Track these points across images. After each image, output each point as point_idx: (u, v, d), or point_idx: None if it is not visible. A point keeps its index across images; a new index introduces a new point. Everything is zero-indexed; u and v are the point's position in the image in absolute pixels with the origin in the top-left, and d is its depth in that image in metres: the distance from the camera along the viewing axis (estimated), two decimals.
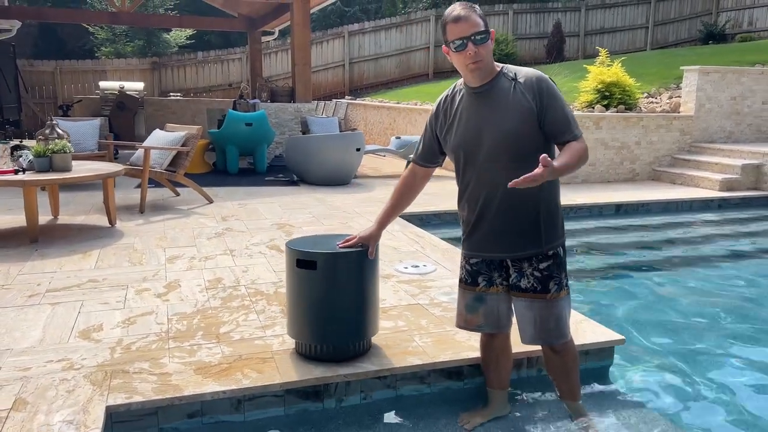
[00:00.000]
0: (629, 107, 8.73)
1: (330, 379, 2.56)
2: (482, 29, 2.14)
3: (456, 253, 4.51)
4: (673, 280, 4.63)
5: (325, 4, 11.47)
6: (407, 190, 2.53)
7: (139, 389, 2.41)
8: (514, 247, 2.32)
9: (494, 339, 2.56)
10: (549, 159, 1.96)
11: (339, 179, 7.81)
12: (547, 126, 2.19)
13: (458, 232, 5.58)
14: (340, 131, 10.55)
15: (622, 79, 8.77)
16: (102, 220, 5.50)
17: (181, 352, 2.78)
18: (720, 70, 8.85)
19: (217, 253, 4.51)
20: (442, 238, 5.08)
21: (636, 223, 6.50)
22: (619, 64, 8.92)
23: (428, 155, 2.47)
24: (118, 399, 2.34)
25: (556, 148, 2.25)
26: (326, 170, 7.72)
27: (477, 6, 2.20)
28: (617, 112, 8.52)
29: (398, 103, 12.85)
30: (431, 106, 11.12)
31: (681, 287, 4.44)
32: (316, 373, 2.56)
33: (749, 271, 4.87)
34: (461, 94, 2.32)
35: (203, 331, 3.02)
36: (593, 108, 8.63)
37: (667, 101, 9.35)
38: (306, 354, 2.68)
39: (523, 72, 2.24)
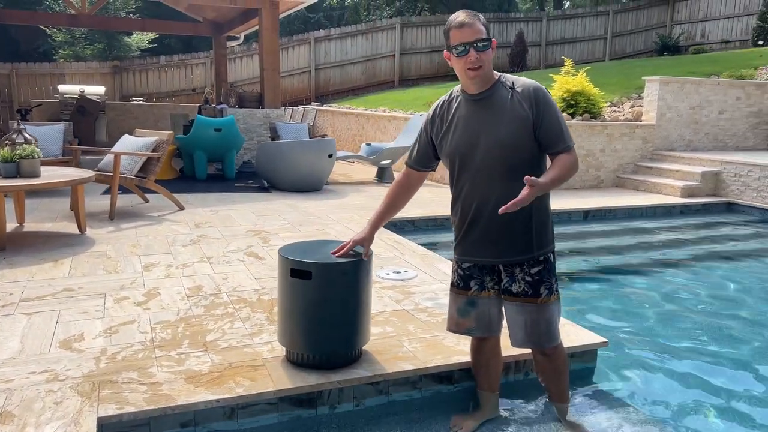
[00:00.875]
0: (594, 116, 8.97)
1: (323, 386, 2.55)
2: (484, 36, 2.20)
3: (435, 259, 4.56)
4: (643, 282, 4.77)
5: (293, 11, 11.43)
6: (402, 192, 2.56)
7: (130, 399, 2.36)
8: (506, 253, 2.36)
9: (485, 342, 2.60)
10: (534, 179, 2.05)
11: (311, 186, 7.79)
12: (541, 135, 2.25)
13: (433, 238, 5.61)
14: (310, 137, 10.52)
15: (587, 88, 9.00)
16: (70, 227, 5.35)
17: (169, 360, 2.73)
18: (679, 81, 9.18)
19: (194, 260, 4.44)
20: (418, 244, 5.12)
21: (604, 228, 6.67)
22: (584, 74, 9.16)
23: (423, 159, 2.50)
24: (109, 410, 2.29)
25: (547, 158, 2.32)
26: (298, 176, 7.69)
27: (480, 14, 2.25)
28: (582, 120, 8.74)
29: (366, 109, 12.88)
30: (401, 114, 11.15)
31: (652, 290, 4.58)
32: (309, 380, 2.56)
33: (716, 273, 5.06)
34: (458, 100, 2.36)
35: (189, 340, 2.98)
36: None
37: (630, 110, 9.64)
38: (298, 362, 2.67)
39: (521, 82, 2.29)
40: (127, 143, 6.34)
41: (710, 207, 7.76)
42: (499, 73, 2.33)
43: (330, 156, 7.74)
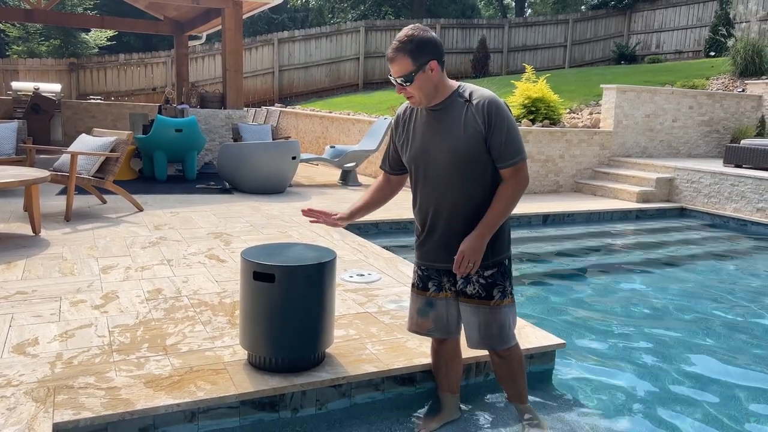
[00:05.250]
0: (553, 122, 9.15)
1: (286, 390, 2.55)
2: (408, 71, 2.21)
3: (399, 262, 4.59)
4: (602, 285, 4.90)
5: (257, 11, 11.34)
6: (382, 190, 2.60)
7: (86, 405, 2.32)
8: None
9: (444, 344, 2.64)
10: (461, 248, 2.27)
11: (274, 188, 7.74)
12: (491, 149, 2.29)
13: (397, 241, 5.64)
14: (273, 139, 10.45)
15: (547, 95, 9.18)
16: (24, 229, 5.20)
17: (128, 365, 2.68)
18: (636, 89, 9.45)
19: (153, 263, 4.37)
20: (382, 247, 5.15)
21: (563, 232, 6.82)
22: (544, 81, 9.35)
23: (394, 164, 2.55)
24: (65, 416, 2.24)
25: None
26: (261, 178, 7.63)
27: (415, 37, 2.20)
28: (542, 126, 8.91)
29: (330, 112, 12.87)
30: (365, 117, 11.14)
31: (610, 293, 4.70)
32: (272, 383, 2.55)
33: (669, 276, 5.23)
34: (419, 108, 2.40)
35: (149, 344, 2.93)
36: (520, 122, 8.99)
37: (588, 117, 9.88)
38: (261, 366, 2.65)
39: (478, 94, 2.33)
40: (84, 143, 6.20)
41: (664, 212, 8.01)
42: (458, 83, 2.37)
43: (293, 158, 7.71)
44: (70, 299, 3.54)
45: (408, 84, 2.24)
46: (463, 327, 2.51)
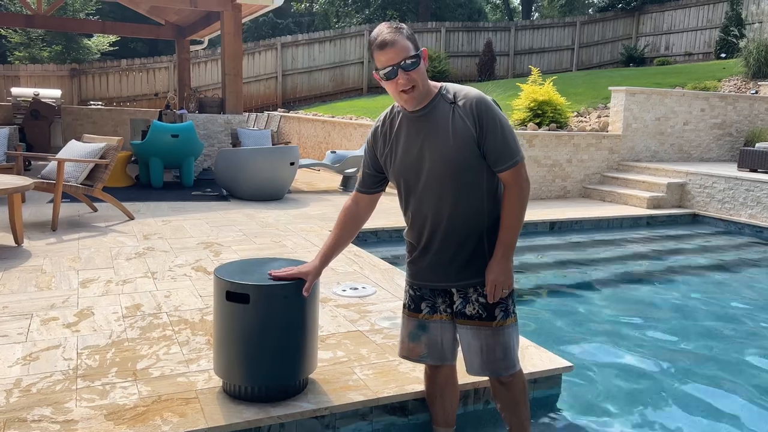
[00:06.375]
0: (560, 126, 8.89)
1: (262, 422, 2.30)
2: (412, 53, 1.98)
3: (395, 273, 4.34)
4: (612, 299, 4.62)
5: (257, 14, 11.15)
6: (351, 220, 2.30)
7: None
8: (459, 277, 2.18)
9: (439, 371, 2.39)
10: (491, 278, 2.10)
11: (271, 194, 7.52)
12: (486, 152, 2.06)
13: (397, 251, 5.36)
14: (273, 144, 10.24)
15: (554, 98, 8.92)
16: (6, 239, 4.99)
17: (91, 393, 2.45)
18: (645, 92, 9.16)
19: (137, 275, 4.14)
20: (381, 257, 4.90)
21: (570, 240, 6.55)
22: (551, 83, 9.09)
23: (369, 181, 2.28)
24: None
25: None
26: (258, 185, 7.41)
27: (404, 26, 2.02)
28: (549, 130, 8.65)
29: (333, 117, 12.66)
30: (367, 121, 10.92)
31: (621, 307, 4.43)
32: (246, 415, 2.30)
33: (684, 288, 4.94)
34: (399, 117, 2.15)
35: (118, 368, 2.70)
36: (526, 126, 8.73)
37: (596, 120, 9.60)
38: (235, 394, 2.41)
39: (463, 93, 2.08)
40: (73, 149, 5.99)
41: (676, 218, 7.71)
42: (439, 84, 2.13)
43: (292, 164, 7.49)
44: (41, 316, 3.31)
45: (414, 68, 1.98)
46: (461, 352, 2.26)
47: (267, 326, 2.30)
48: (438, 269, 2.19)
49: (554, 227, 6.93)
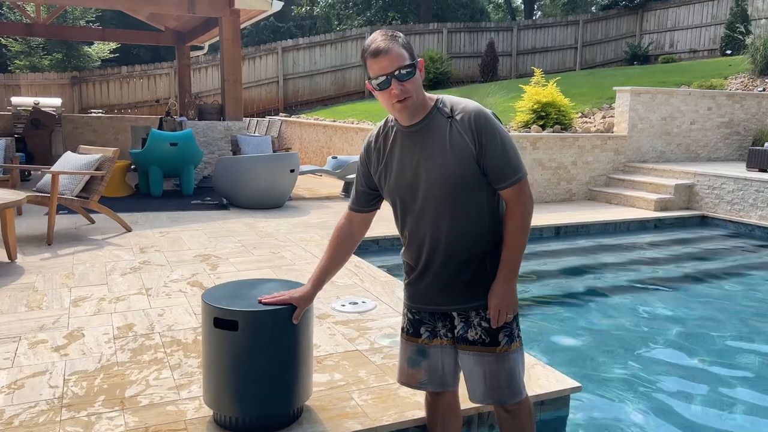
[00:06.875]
0: (565, 127, 8.75)
1: None
2: (407, 62, 1.86)
3: (396, 286, 4.22)
4: (622, 309, 4.48)
5: (256, 20, 11.05)
6: (344, 241, 2.18)
7: None
8: (460, 300, 2.06)
9: (440, 397, 2.26)
10: (494, 303, 1.98)
11: (271, 202, 7.41)
12: (487, 169, 1.94)
13: (397, 260, 5.26)
14: (274, 150, 10.14)
15: (558, 99, 8.78)
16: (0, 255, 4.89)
17: (75, 425, 2.33)
18: (651, 91, 9.01)
19: (130, 292, 4.03)
20: (382, 266, 4.78)
21: (577, 246, 6.41)
22: (554, 84, 8.95)
23: (363, 199, 2.15)
24: None
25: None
26: (258, 193, 7.30)
27: (400, 34, 1.91)
28: (553, 132, 8.51)
29: (334, 121, 12.55)
30: (369, 126, 10.79)
31: (632, 318, 4.29)
32: None
33: (701, 294, 4.80)
34: (394, 131, 2.03)
35: (105, 395, 2.58)
36: (530, 128, 8.60)
37: (601, 121, 9.45)
38: (226, 425, 2.29)
39: (460, 107, 1.96)
40: (69, 161, 5.89)
41: (684, 220, 7.56)
42: (436, 96, 2.01)
43: (292, 171, 7.37)
44: (30, 339, 3.20)
45: (409, 78, 1.87)
46: (463, 379, 2.14)
47: (257, 354, 2.18)
48: (437, 292, 2.07)
49: (560, 232, 6.79)
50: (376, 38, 1.89)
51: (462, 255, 2.02)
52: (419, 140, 1.97)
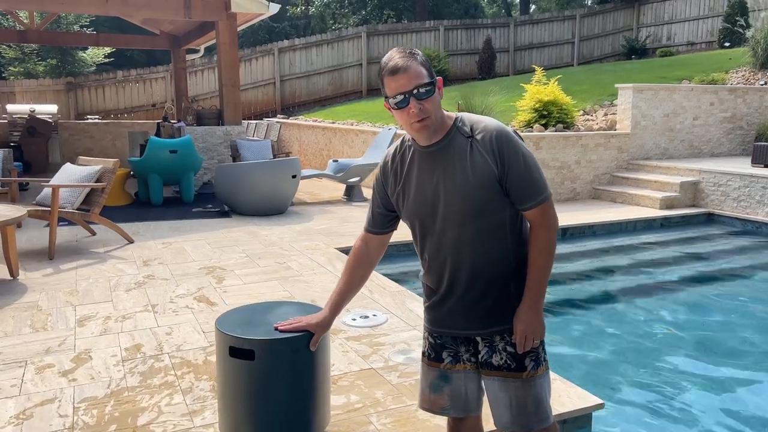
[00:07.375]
0: (567, 126, 8.68)
1: None
2: (426, 81, 1.79)
3: (406, 297, 4.15)
4: (639, 315, 4.42)
5: (252, 22, 10.95)
6: (361, 264, 2.11)
7: None
8: (483, 324, 1.99)
9: (463, 423, 2.19)
10: (520, 328, 1.92)
11: (273, 209, 7.33)
12: (510, 191, 1.87)
13: (408, 266, 5.13)
14: (273, 154, 10.05)
15: (559, 97, 8.71)
16: (1, 271, 4.81)
17: None
18: (653, 88, 8.94)
19: (136, 309, 3.96)
20: (389, 274, 4.71)
21: (584, 247, 6.34)
22: (555, 82, 8.87)
23: (379, 221, 2.09)
24: None
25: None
26: (259, 200, 7.22)
27: (419, 51, 1.84)
28: (555, 131, 8.44)
29: (333, 122, 12.46)
30: (368, 127, 10.68)
31: (647, 322, 4.22)
32: None
33: (718, 295, 4.74)
34: (411, 151, 1.95)
35: (117, 424, 2.51)
36: (532, 127, 8.53)
37: (603, 118, 9.38)
38: None
39: (481, 126, 1.89)
40: (68, 173, 5.81)
41: (690, 219, 7.50)
42: (456, 114, 1.93)
43: (294, 177, 7.29)
44: (36, 363, 3.13)
45: (428, 97, 1.79)
46: (489, 405, 2.07)
47: (275, 384, 2.12)
48: (460, 316, 2.00)
49: (566, 234, 6.72)
50: (394, 56, 1.82)
51: (485, 278, 1.95)
52: (439, 161, 1.90)
